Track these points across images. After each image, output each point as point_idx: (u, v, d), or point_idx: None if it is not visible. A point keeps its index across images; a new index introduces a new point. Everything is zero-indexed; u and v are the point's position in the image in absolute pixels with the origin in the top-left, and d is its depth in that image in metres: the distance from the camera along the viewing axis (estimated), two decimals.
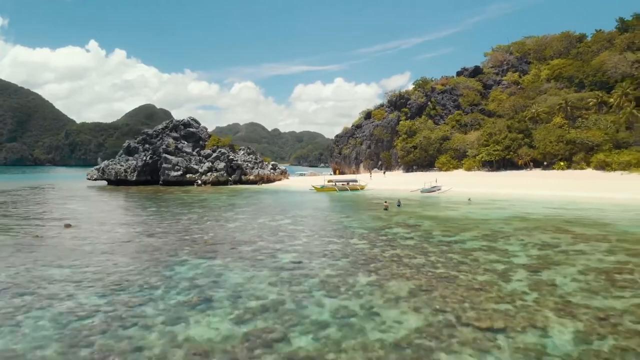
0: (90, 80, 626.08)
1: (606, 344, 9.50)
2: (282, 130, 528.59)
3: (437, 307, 11.58)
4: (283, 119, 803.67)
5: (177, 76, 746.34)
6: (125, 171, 65.61)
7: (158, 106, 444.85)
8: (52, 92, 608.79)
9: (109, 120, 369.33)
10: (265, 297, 12.38)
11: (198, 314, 11.14)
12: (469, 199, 41.69)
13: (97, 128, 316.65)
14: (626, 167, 59.25)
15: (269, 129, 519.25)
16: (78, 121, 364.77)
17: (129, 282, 13.96)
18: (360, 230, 24.34)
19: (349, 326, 10.29)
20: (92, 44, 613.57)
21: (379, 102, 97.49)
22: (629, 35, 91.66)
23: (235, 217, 30.28)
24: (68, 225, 25.17)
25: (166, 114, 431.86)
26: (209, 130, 77.53)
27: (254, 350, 8.99)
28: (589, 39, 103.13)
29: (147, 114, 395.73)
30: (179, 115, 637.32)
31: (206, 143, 71.05)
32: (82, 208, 36.13)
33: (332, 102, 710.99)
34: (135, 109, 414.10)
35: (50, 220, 28.27)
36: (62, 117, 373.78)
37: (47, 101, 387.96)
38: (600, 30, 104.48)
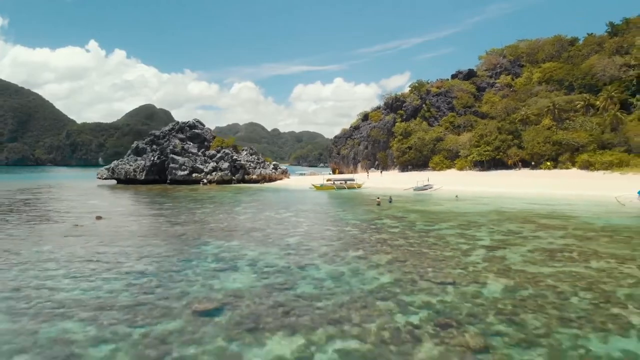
0: (90, 80, 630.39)
1: (525, 293, 13.32)
2: (281, 130, 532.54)
3: (406, 270, 15.46)
4: (283, 119, 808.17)
5: (177, 76, 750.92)
6: (135, 171, 69.47)
7: (158, 106, 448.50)
8: (52, 92, 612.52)
9: (109, 120, 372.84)
10: (276, 265, 16.25)
11: (227, 274, 15.00)
12: (457, 196, 45.53)
13: (98, 128, 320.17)
14: (608, 167, 63.14)
15: (269, 129, 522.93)
16: (78, 121, 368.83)
17: (169, 256, 17.83)
18: (353, 221, 28.22)
19: (339, 280, 14.17)
20: (92, 44, 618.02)
21: (379, 101, 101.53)
22: (618, 39, 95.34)
23: (243, 211, 34.15)
24: (99, 217, 29.00)
25: (166, 114, 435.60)
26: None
27: (271, 293, 12.85)
28: (581, 42, 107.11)
29: (147, 114, 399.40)
30: (178, 115, 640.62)
31: (211, 144, 74.89)
32: (103, 204, 39.96)
33: (332, 102, 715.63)
34: (136, 109, 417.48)
35: (80, 214, 32.10)
36: (63, 117, 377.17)
37: (48, 101, 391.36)
38: (592, 34, 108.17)
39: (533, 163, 69.71)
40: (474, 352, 9.11)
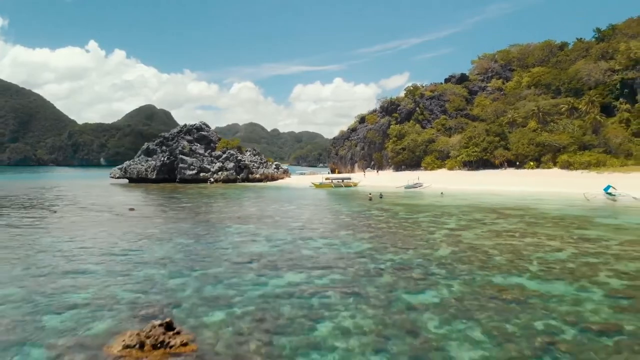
0: (90, 81, 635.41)
1: (463, 254, 18.75)
2: (281, 130, 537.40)
3: (382, 242, 21.01)
4: (282, 119, 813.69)
5: (177, 76, 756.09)
6: (146, 170, 75.02)
7: (157, 106, 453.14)
8: (52, 92, 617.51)
9: (109, 120, 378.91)
10: (285, 239, 21.81)
11: (249, 244, 20.53)
12: (442, 193, 51.05)
13: (100, 129, 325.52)
14: (586, 166, 68.68)
15: (268, 129, 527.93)
16: (78, 121, 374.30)
17: (202, 234, 23.38)
18: (346, 212, 33.79)
19: (331, 247, 19.75)
20: (92, 44, 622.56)
21: (378, 101, 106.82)
22: (604, 45, 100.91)
23: (253, 205, 39.70)
24: (132, 209, 34.51)
25: (166, 115, 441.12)
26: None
27: (283, 254, 18.38)
28: (570, 47, 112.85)
29: (148, 115, 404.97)
30: (178, 115, 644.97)
31: (216, 145, 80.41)
32: (127, 199, 45.49)
33: (331, 102, 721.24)
34: (136, 109, 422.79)
35: (113, 206, 37.62)
36: (64, 117, 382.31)
37: (49, 102, 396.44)
38: (581, 39, 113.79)
39: (518, 163, 75.26)
40: (415, 280, 14.62)
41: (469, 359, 8.96)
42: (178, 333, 9.66)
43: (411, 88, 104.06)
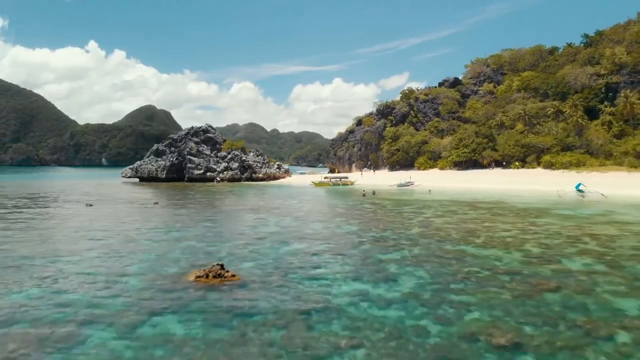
0: (89, 81, 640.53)
1: (430, 232, 24.35)
2: (281, 130, 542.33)
3: (367, 226, 26.69)
4: (282, 119, 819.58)
5: (176, 76, 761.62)
6: (156, 170, 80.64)
7: (157, 106, 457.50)
8: (52, 93, 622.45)
9: (108, 120, 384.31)
10: (291, 224, 27.49)
11: (262, 227, 26.16)
12: (429, 190, 56.66)
13: (101, 129, 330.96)
14: (567, 166, 74.39)
15: (268, 129, 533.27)
16: (78, 121, 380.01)
17: (222, 220, 29.05)
18: (342, 205, 39.45)
19: (327, 229, 25.47)
20: (92, 45, 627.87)
21: (378, 101, 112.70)
22: (591, 50, 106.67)
23: (260, 200, 45.37)
24: (156, 203, 40.12)
25: (166, 115, 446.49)
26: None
27: (291, 232, 24.02)
28: (560, 51, 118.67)
29: (148, 115, 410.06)
30: (178, 115, 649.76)
31: (222, 146, 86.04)
32: (146, 195, 51.12)
33: (331, 102, 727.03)
34: (136, 110, 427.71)
35: (135, 200, 43.22)
36: (65, 118, 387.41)
37: (50, 102, 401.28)
38: (571, 43, 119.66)
39: (504, 163, 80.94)
40: (387, 247, 20.24)
41: (412, 284, 14.55)
42: (227, 271, 15.27)
43: (407, 91, 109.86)
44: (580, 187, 52.22)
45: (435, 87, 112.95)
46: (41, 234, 24.14)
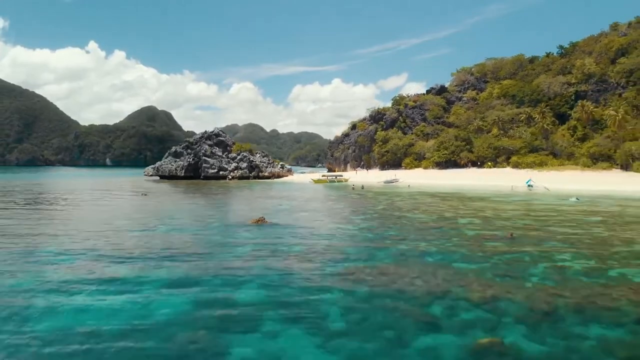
0: (89, 81, 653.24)
1: (389, 207, 38.02)
2: (280, 130, 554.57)
3: (350, 206, 40.57)
4: (281, 120, 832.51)
5: (176, 77, 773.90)
6: (175, 169, 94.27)
7: (157, 107, 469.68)
8: (52, 93, 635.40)
9: (108, 120, 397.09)
10: (298, 205, 41.27)
11: (278, 206, 39.84)
12: (409, 185, 70.35)
13: (105, 130, 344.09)
14: (532, 166, 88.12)
15: (268, 130, 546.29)
16: (78, 122, 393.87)
17: (248, 200, 42.70)
18: (334, 195, 53.19)
19: (323, 207, 39.31)
20: (92, 45, 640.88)
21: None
22: (564, 61, 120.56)
23: (270, 191, 59.05)
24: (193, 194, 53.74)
25: (167, 116, 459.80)
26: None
27: (297, 208, 37.73)
28: (540, 59, 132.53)
29: (150, 116, 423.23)
30: (177, 115, 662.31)
31: (232, 148, 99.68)
32: (179, 188, 64.70)
33: (330, 102, 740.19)
34: (137, 110, 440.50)
35: (176, 191, 56.81)
36: (67, 118, 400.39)
37: (52, 103, 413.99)
38: (550, 53, 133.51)
39: (479, 163, 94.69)
40: (358, 214, 33.91)
41: (366, 225, 28.12)
42: (265, 220, 28.91)
43: (397, 98, 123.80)
44: (530, 183, 65.93)
45: (424, 94, 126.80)
46: (152, 210, 37.87)
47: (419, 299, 13.05)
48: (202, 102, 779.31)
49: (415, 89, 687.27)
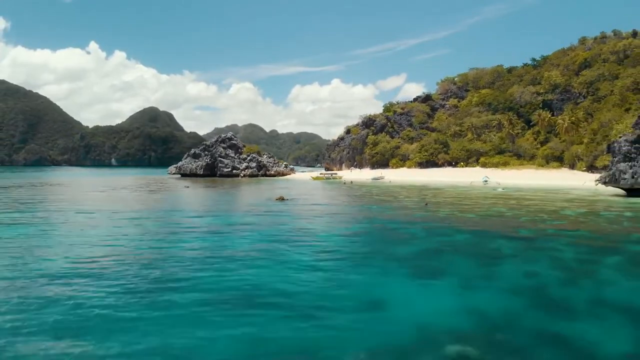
0: (89, 82, 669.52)
1: (365, 195, 56.78)
2: (279, 131, 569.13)
3: (340, 193, 59.49)
4: (280, 120, 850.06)
5: (176, 77, 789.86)
6: (195, 168, 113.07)
7: (157, 107, 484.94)
8: (52, 94, 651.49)
9: (108, 120, 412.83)
10: (303, 193, 60.01)
11: (289, 192, 58.63)
12: (390, 181, 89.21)
13: (110, 131, 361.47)
14: (496, 165, 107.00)
15: (267, 130, 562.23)
16: (81, 122, 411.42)
17: (267, 190, 61.62)
18: (329, 187, 72.21)
19: (321, 194, 58.19)
20: (93, 46, 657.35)
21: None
22: (535, 72, 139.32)
23: (279, 185, 77.77)
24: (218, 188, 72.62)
25: (169, 117, 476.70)
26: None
27: (303, 194, 56.55)
28: (518, 69, 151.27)
29: (152, 116, 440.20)
30: (177, 115, 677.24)
31: (242, 150, 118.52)
32: (206, 184, 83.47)
33: (330, 103, 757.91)
34: (139, 111, 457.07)
35: (206, 186, 75.66)
36: (70, 119, 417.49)
37: (55, 104, 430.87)
38: (527, 64, 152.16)
39: (454, 163, 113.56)
40: (346, 197, 52.72)
41: (347, 199, 46.89)
42: (284, 198, 47.65)
43: (388, 105, 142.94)
44: (485, 179, 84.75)
45: (411, 102, 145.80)
46: (203, 196, 56.63)
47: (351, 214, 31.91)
48: (201, 103, 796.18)
49: (414, 89, 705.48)
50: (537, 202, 44.89)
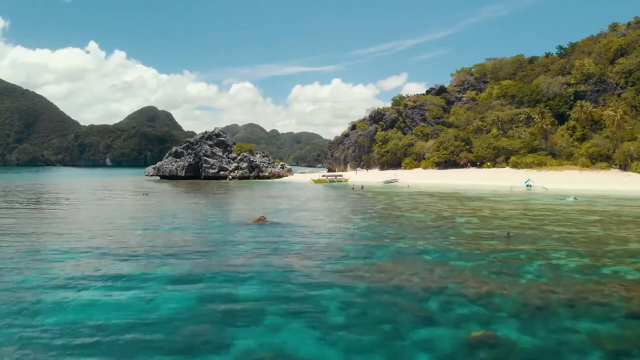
0: (89, 82, 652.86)
1: (388, 207, 38.43)
2: (280, 131, 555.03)
3: (349, 205, 40.96)
4: (280, 120, 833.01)
5: (176, 77, 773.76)
6: (176, 169, 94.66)
7: (157, 107, 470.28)
8: (51, 94, 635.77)
9: (107, 120, 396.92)
10: (300, 205, 41.66)
11: (278, 205, 40.27)
12: (408, 185, 70.70)
13: (105, 130, 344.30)
14: (530, 165, 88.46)
15: (267, 130, 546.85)
16: (77, 122, 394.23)
17: (252, 201, 43.13)
18: (334, 195, 53.62)
19: (323, 206, 39.68)
20: (92, 45, 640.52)
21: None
22: (563, 61, 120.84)
23: (270, 191, 59.45)
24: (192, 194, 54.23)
25: (167, 116, 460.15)
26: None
27: (297, 208, 38.12)
28: (540, 59, 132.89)
29: (150, 116, 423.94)
30: (177, 115, 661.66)
31: (232, 148, 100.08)
32: (180, 189, 65.14)
33: (330, 103, 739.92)
34: (137, 111, 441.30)
35: (180, 191, 57.25)
36: (67, 119, 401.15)
37: (52, 103, 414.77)
38: (549, 53, 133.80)
39: (478, 163, 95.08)
40: (358, 212, 34.33)
41: (365, 224, 28.53)
42: (265, 219, 29.32)
43: (397, 98, 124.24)
44: (528, 182, 66.34)
45: (424, 94, 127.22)
46: (155, 209, 38.28)
47: (416, 295, 13.47)
48: (201, 103, 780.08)
49: (415, 89, 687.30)
50: None
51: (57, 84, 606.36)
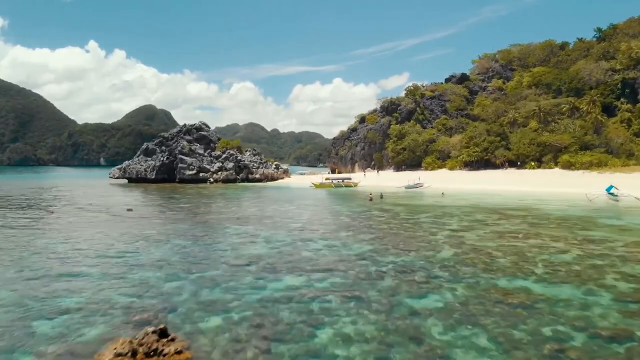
0: (89, 81, 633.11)
1: (467, 256, 18.34)
2: (281, 130, 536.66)
3: (383, 244, 20.63)
4: (281, 120, 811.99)
5: (176, 77, 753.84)
6: (145, 170, 74.57)
7: (157, 106, 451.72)
8: (51, 93, 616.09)
9: (107, 120, 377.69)
10: (285, 240, 21.44)
11: (248, 246, 20.15)
12: (442, 193, 50.53)
13: (100, 129, 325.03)
14: (588, 166, 68.19)
15: (268, 129, 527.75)
16: (77, 122, 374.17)
17: (199, 237, 23.00)
18: (347, 212, 33.38)
19: (331, 249, 19.39)
20: (92, 45, 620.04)
21: (378, 102, 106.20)
22: (605, 44, 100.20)
23: (252, 205, 39.32)
24: (130, 209, 34.17)
25: (167, 115, 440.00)
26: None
27: (281, 257, 17.99)
28: (571, 46, 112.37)
29: (148, 115, 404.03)
30: (177, 115, 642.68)
31: (216, 145, 79.98)
32: (126, 199, 45.11)
33: (331, 102, 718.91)
34: (136, 109, 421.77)
35: (110, 207, 37.25)
36: (64, 118, 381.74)
37: (49, 102, 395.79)
38: (582, 38, 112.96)
39: (519, 163, 74.82)
40: (418, 283, 14.24)
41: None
42: (172, 340, 9.27)
43: (411, 88, 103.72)
44: (612, 190, 46.29)
45: (442, 83, 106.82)
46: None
47: None
48: (202, 102, 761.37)
49: None
50: None
51: (57, 83, 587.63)
